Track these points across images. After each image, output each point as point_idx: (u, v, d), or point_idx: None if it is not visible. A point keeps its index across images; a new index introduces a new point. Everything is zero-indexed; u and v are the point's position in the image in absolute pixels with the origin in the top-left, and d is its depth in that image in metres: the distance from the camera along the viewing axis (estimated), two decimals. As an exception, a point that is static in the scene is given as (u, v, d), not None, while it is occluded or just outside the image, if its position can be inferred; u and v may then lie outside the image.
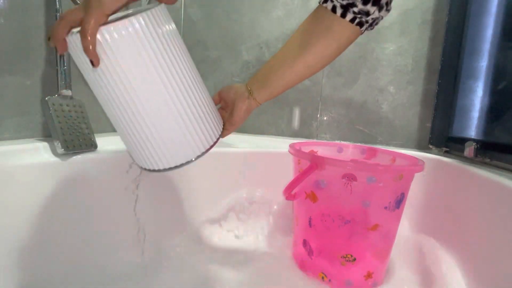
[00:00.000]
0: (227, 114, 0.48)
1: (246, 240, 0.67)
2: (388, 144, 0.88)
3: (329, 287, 0.53)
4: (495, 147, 0.61)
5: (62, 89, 0.53)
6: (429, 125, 0.85)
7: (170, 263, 0.56)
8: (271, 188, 0.70)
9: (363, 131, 0.90)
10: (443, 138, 0.80)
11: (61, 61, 0.53)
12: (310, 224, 0.55)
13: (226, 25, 0.94)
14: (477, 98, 0.75)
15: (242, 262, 0.58)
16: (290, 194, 0.52)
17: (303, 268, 0.57)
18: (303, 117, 0.93)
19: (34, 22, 0.53)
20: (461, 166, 0.63)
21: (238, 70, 0.95)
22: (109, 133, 0.73)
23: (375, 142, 0.89)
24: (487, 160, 0.61)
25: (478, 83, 0.74)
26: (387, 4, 0.41)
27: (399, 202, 0.51)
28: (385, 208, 0.50)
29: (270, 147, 0.78)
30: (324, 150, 0.68)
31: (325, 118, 0.91)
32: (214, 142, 0.41)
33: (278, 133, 0.95)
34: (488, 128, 0.73)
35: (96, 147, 0.54)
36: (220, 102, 0.50)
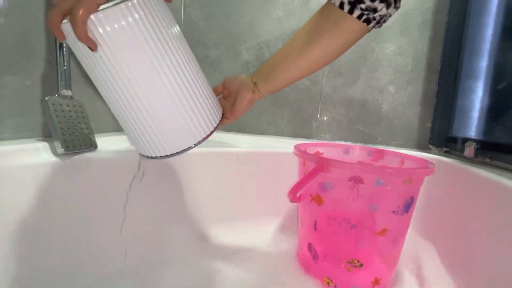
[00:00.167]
0: (229, 104, 0.48)
1: (249, 242, 0.66)
2: (388, 144, 0.88)
3: (334, 293, 0.52)
4: (495, 147, 0.60)
5: (62, 89, 0.53)
6: (429, 125, 0.85)
7: (171, 264, 0.56)
8: (275, 189, 0.69)
9: (363, 131, 0.90)
10: (443, 138, 0.80)
11: (61, 61, 0.53)
12: (315, 227, 0.53)
13: (226, 25, 0.94)
14: (477, 98, 0.75)
15: (245, 265, 0.58)
16: (294, 197, 0.51)
17: (308, 272, 0.56)
18: (303, 117, 0.93)
19: (34, 22, 0.53)
20: (461, 166, 0.62)
21: (238, 70, 0.95)
22: (109, 133, 0.73)
23: (375, 142, 0.89)
24: (487, 160, 0.61)
25: (478, 83, 0.74)
26: (396, 1, 0.41)
27: (408, 206, 0.49)
28: (393, 212, 0.48)
29: (270, 147, 0.78)
30: (330, 151, 0.67)
31: (325, 118, 0.91)
32: (214, 128, 0.41)
33: (278, 133, 0.95)
34: (488, 128, 0.73)
35: (96, 147, 0.54)
36: (223, 91, 0.50)
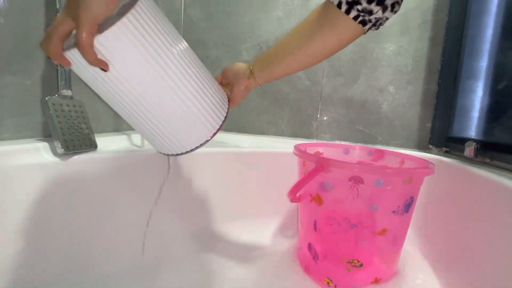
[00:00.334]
0: (228, 90, 0.50)
1: (250, 242, 0.66)
2: (388, 144, 0.88)
3: (334, 293, 0.52)
4: (495, 147, 0.60)
5: (62, 89, 0.53)
6: (429, 125, 0.85)
7: (171, 264, 0.56)
8: (275, 189, 0.69)
9: (363, 131, 0.90)
10: (443, 138, 0.80)
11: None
12: (315, 227, 0.53)
13: (226, 25, 0.94)
14: (477, 98, 0.75)
15: (245, 265, 0.58)
16: (294, 197, 0.51)
17: (308, 272, 0.56)
18: (303, 117, 0.93)
19: (34, 22, 0.53)
20: (461, 166, 0.62)
21: (238, 70, 0.95)
22: (109, 133, 0.73)
23: (375, 142, 0.89)
24: (487, 160, 0.61)
25: (478, 83, 0.74)
26: (393, 6, 0.41)
27: (408, 206, 0.49)
28: (393, 212, 0.48)
29: (270, 147, 0.77)
30: (330, 151, 0.67)
31: (325, 118, 0.91)
32: (225, 118, 0.45)
33: (278, 133, 0.95)
34: (488, 128, 0.73)
35: (96, 147, 0.54)
36: (222, 80, 0.52)
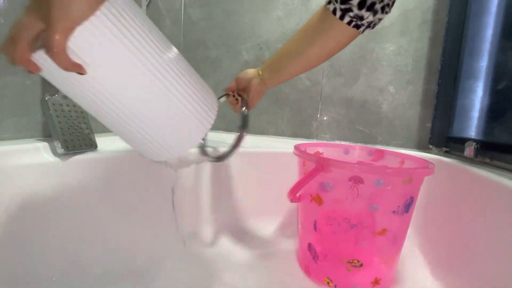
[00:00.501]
0: (245, 95, 0.58)
1: (249, 242, 0.66)
2: (388, 144, 0.88)
3: (334, 293, 0.52)
4: (495, 147, 0.60)
5: (62, 89, 0.53)
6: (429, 125, 0.85)
7: (170, 264, 0.56)
8: (275, 189, 0.69)
9: (363, 131, 0.90)
10: (443, 138, 0.80)
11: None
12: (315, 227, 0.53)
13: (226, 25, 0.94)
14: (477, 98, 0.75)
15: (245, 265, 0.58)
16: (294, 197, 0.51)
17: (308, 272, 0.56)
18: (303, 117, 0.93)
19: (34, 22, 0.53)
20: (461, 166, 0.62)
21: (238, 70, 0.94)
22: (109, 133, 0.73)
23: (375, 142, 0.89)
24: (487, 160, 0.61)
25: (478, 83, 0.74)
26: (383, 8, 0.44)
27: (408, 206, 0.49)
28: (393, 212, 0.48)
29: (270, 147, 0.77)
30: (330, 151, 0.67)
31: (325, 118, 0.91)
32: (214, 116, 0.41)
33: (278, 133, 0.95)
34: (488, 128, 0.73)
35: (96, 147, 0.54)
36: (238, 86, 0.60)
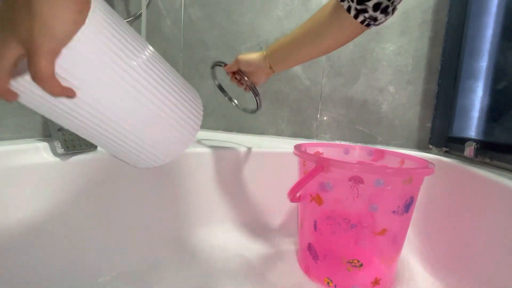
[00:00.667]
0: (251, 79, 0.63)
1: (249, 242, 0.66)
2: (388, 144, 0.88)
3: (334, 293, 0.52)
4: (495, 147, 0.60)
5: (62, 89, 0.53)
6: (429, 125, 0.85)
7: (170, 265, 0.56)
8: (275, 189, 0.69)
9: (363, 131, 0.90)
10: (443, 138, 0.80)
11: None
12: (315, 227, 0.53)
13: (226, 25, 0.94)
14: (477, 98, 0.75)
15: (246, 265, 0.58)
16: (294, 197, 0.51)
17: (308, 272, 0.56)
18: (303, 117, 0.93)
19: (34, 22, 0.53)
20: (461, 166, 0.62)
21: (238, 70, 0.95)
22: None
23: (375, 142, 0.89)
24: (487, 160, 0.61)
25: (478, 83, 0.74)
26: (393, 10, 0.48)
27: (408, 206, 0.49)
28: (393, 212, 0.48)
29: (270, 147, 0.77)
30: (330, 151, 0.67)
31: (325, 118, 0.91)
32: (201, 117, 0.41)
33: (278, 133, 0.95)
34: (488, 128, 0.73)
35: (96, 147, 0.54)
36: (241, 68, 0.62)
